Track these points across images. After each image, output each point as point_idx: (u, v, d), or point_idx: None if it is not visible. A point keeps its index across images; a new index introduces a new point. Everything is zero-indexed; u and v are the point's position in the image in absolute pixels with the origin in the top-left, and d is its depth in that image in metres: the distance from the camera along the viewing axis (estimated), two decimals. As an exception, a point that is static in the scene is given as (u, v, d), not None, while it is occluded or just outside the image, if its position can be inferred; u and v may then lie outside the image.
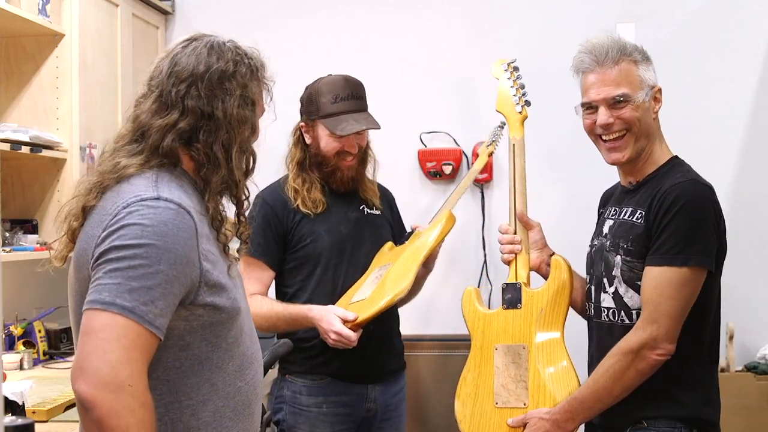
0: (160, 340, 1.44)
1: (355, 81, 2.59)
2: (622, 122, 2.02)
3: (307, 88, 2.61)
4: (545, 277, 2.28)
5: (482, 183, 3.59)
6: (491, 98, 3.58)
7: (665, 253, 1.88)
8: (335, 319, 2.33)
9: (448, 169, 3.58)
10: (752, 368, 3.21)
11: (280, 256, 2.53)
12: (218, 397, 1.55)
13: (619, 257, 2.00)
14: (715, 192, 1.96)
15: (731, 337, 3.24)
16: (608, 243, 2.06)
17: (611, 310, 2.03)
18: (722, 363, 3.21)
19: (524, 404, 2.16)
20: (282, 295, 2.58)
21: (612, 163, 2.08)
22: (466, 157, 3.60)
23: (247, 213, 1.72)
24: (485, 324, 2.31)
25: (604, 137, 2.05)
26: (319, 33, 3.70)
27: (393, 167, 3.49)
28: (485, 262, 3.56)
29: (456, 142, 3.62)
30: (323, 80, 2.57)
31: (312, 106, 2.55)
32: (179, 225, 1.46)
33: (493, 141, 2.75)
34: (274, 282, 2.59)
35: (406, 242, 2.56)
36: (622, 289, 1.99)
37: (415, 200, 3.60)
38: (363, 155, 2.61)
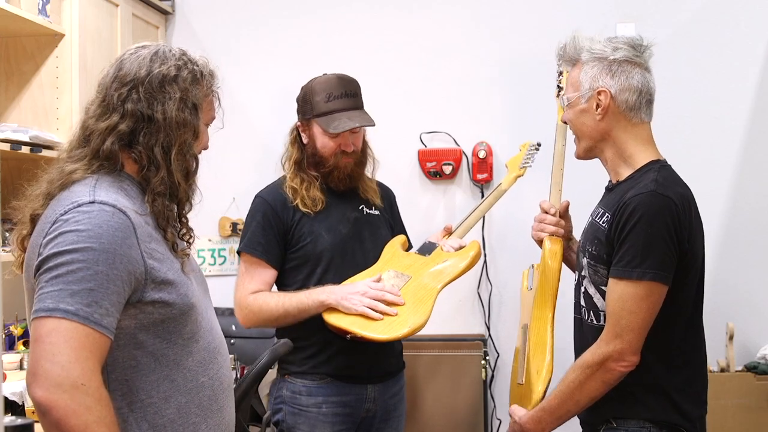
0: (110, 339, 1.46)
1: (349, 79, 2.60)
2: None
3: (302, 88, 2.62)
4: (567, 263, 2.33)
5: (482, 183, 3.59)
6: (491, 98, 3.61)
7: (624, 267, 1.89)
8: (361, 283, 2.36)
9: (448, 169, 3.57)
10: (752, 368, 3.21)
11: (281, 255, 2.53)
12: (180, 393, 1.57)
13: (585, 260, 2.03)
14: (678, 202, 1.89)
15: (731, 337, 3.23)
16: (581, 243, 2.10)
17: (583, 309, 2.06)
18: (722, 363, 3.21)
19: (521, 382, 2.23)
20: None
21: None
22: (466, 157, 3.60)
23: (192, 211, 1.73)
24: (522, 303, 2.40)
25: None
26: (319, 33, 3.70)
27: (393, 167, 3.49)
28: (485, 262, 3.56)
29: (456, 142, 3.62)
30: (317, 79, 2.58)
31: (306, 105, 2.56)
32: (115, 225, 1.48)
33: (527, 165, 2.72)
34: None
35: (428, 255, 2.56)
36: (591, 290, 2.01)
37: (415, 200, 3.60)
38: (361, 155, 2.61)
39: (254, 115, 3.66)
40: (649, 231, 1.87)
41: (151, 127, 1.60)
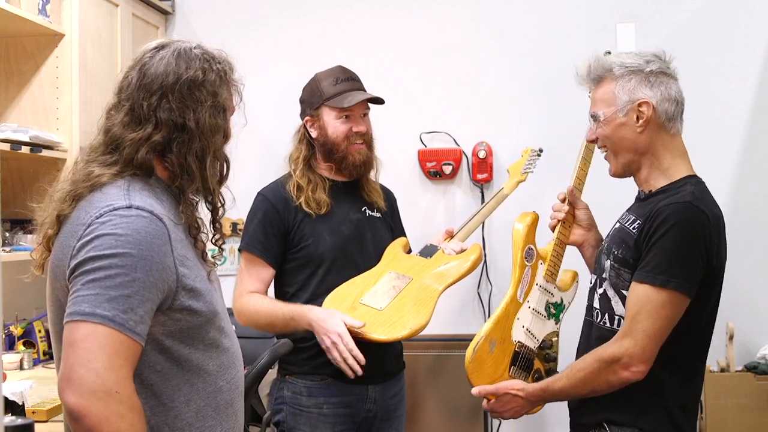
0: (142, 346, 1.45)
1: (350, 69, 2.65)
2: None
3: (304, 88, 2.64)
4: (585, 257, 2.32)
5: (482, 183, 3.59)
6: (491, 98, 3.60)
7: (649, 272, 1.87)
8: (341, 324, 2.31)
9: (448, 169, 3.57)
10: (752, 368, 3.21)
11: (280, 254, 2.53)
12: (199, 397, 1.57)
13: (608, 262, 2.02)
14: (711, 218, 1.89)
15: (731, 337, 3.23)
16: (605, 246, 2.08)
17: (596, 311, 2.05)
18: (722, 363, 3.21)
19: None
20: (282, 294, 2.57)
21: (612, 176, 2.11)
22: (466, 157, 3.60)
23: (222, 215, 1.72)
24: None
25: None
26: (319, 32, 3.70)
27: (393, 167, 3.49)
28: (485, 263, 3.56)
29: (456, 142, 3.62)
30: (319, 72, 2.63)
31: (314, 95, 2.59)
32: (152, 232, 1.48)
33: (528, 171, 2.71)
34: (273, 280, 2.58)
35: (429, 258, 2.57)
36: (611, 292, 2.00)
37: (415, 200, 3.60)
38: (370, 144, 2.62)
39: (255, 114, 3.60)
40: (680, 240, 1.86)
41: (184, 135, 1.58)
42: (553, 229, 2.32)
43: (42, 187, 1.64)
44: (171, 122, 1.57)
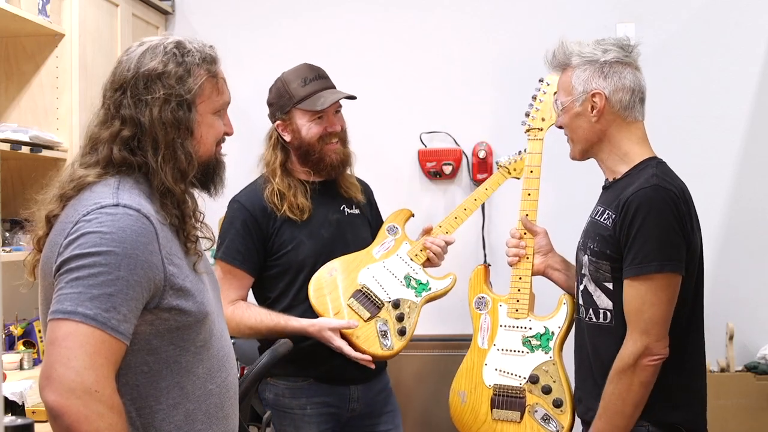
0: (126, 345, 1.44)
1: (315, 65, 2.58)
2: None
3: (270, 89, 2.58)
4: (554, 281, 2.34)
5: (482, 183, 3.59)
6: (491, 98, 3.60)
7: (640, 264, 1.89)
8: (335, 338, 2.38)
9: (448, 169, 3.57)
10: (752, 368, 3.21)
11: (260, 263, 2.48)
12: (189, 400, 1.56)
13: (586, 257, 2.03)
14: (679, 194, 1.93)
15: (731, 337, 3.23)
16: (581, 242, 2.10)
17: (581, 308, 2.06)
18: (722, 363, 3.21)
19: None
20: (262, 300, 2.55)
21: None
22: (466, 157, 3.60)
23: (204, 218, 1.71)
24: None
25: None
26: (319, 33, 3.70)
27: (393, 167, 3.50)
28: (485, 262, 3.55)
29: (456, 142, 3.62)
30: (285, 73, 2.56)
31: (283, 98, 2.51)
32: (138, 230, 1.47)
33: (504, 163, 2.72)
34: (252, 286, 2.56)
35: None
36: (591, 287, 2.01)
37: (415, 200, 3.59)
38: (344, 140, 2.57)
39: (254, 115, 3.64)
40: (659, 224, 1.88)
41: (143, 130, 1.57)
42: (511, 265, 2.37)
43: (33, 192, 1.63)
44: (132, 118, 1.57)
